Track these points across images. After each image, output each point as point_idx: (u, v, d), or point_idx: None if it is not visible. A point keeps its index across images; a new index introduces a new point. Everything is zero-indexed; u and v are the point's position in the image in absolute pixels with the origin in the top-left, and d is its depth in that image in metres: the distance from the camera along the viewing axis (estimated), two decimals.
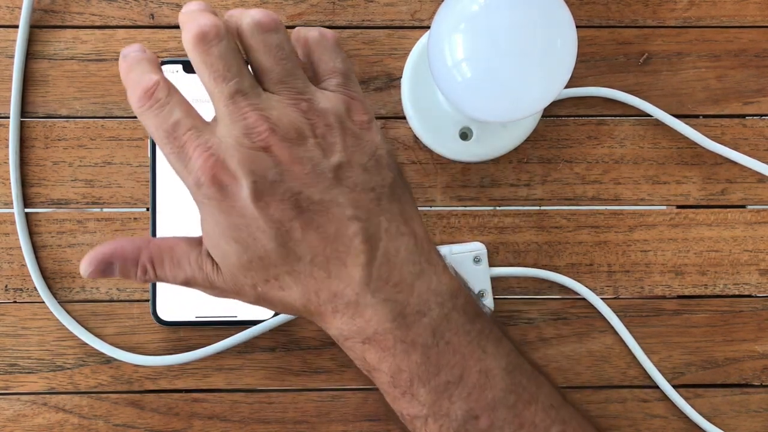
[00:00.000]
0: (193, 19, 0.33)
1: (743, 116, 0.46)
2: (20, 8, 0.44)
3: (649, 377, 0.45)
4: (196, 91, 0.44)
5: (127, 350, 0.45)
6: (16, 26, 0.44)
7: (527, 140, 0.45)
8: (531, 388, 0.36)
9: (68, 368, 0.45)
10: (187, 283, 0.35)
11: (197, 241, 0.35)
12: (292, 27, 0.45)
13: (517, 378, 0.35)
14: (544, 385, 0.37)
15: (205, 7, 0.34)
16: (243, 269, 0.34)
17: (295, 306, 0.34)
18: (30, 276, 0.44)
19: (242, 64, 0.34)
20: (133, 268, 0.35)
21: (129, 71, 0.34)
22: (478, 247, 0.44)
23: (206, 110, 0.45)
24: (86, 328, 0.45)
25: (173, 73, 0.44)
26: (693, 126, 0.45)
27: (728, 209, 0.46)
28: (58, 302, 0.45)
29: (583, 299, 0.46)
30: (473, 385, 0.34)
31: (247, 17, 0.34)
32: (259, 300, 0.35)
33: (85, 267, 0.34)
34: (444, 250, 0.44)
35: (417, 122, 0.44)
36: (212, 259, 0.34)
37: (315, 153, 0.33)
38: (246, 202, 0.32)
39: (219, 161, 0.32)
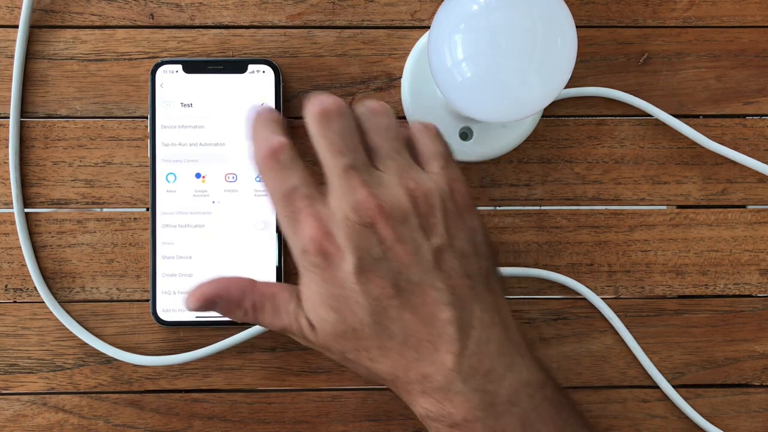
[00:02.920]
0: (317, 98, 0.36)
1: (743, 116, 0.46)
2: (20, 8, 0.44)
3: (649, 377, 0.45)
4: (195, 91, 0.44)
5: (127, 350, 0.45)
6: (16, 26, 0.44)
7: (527, 140, 0.45)
8: None
9: (68, 368, 0.45)
10: (283, 330, 0.37)
11: (296, 292, 0.36)
12: (292, 27, 0.45)
13: None
14: None
15: (331, 94, 0.37)
16: (337, 337, 0.35)
17: (382, 377, 0.36)
18: (30, 276, 0.44)
19: (358, 142, 0.36)
20: (236, 310, 0.36)
21: (257, 129, 0.36)
22: None
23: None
24: (86, 328, 0.45)
25: (173, 72, 0.44)
26: (693, 126, 0.45)
27: (728, 209, 0.46)
28: (58, 302, 0.45)
29: (584, 299, 0.46)
30: None
31: (361, 106, 0.37)
32: (345, 362, 0.36)
33: (191, 302, 0.36)
34: None
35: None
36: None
37: (417, 233, 0.34)
38: (348, 275, 0.34)
39: (327, 233, 0.34)
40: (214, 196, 0.44)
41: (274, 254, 0.44)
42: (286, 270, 0.45)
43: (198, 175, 0.44)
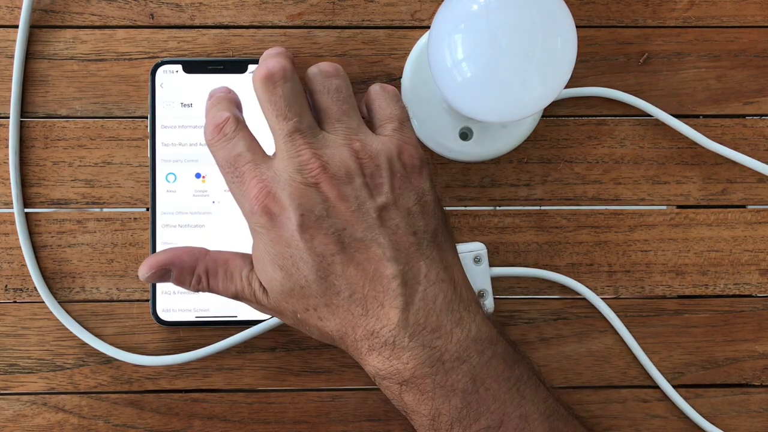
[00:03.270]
0: (264, 61, 0.36)
1: (743, 116, 0.46)
2: (20, 8, 0.44)
3: (649, 377, 0.45)
4: (195, 91, 0.44)
5: (126, 350, 0.45)
6: (16, 26, 0.44)
7: (527, 140, 0.45)
8: None
9: (68, 368, 0.45)
10: (236, 296, 0.37)
11: (250, 259, 0.37)
12: (292, 27, 0.45)
13: (554, 423, 0.36)
14: (578, 430, 0.38)
15: (280, 52, 0.37)
16: (285, 296, 0.35)
17: (333, 336, 0.36)
18: (30, 276, 0.44)
19: (304, 105, 0.36)
20: (189, 277, 0.37)
21: (210, 109, 0.37)
22: (478, 247, 0.44)
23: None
24: (86, 328, 0.45)
25: (173, 72, 0.44)
26: (693, 126, 0.45)
27: (728, 209, 0.46)
28: (58, 302, 0.45)
29: (584, 299, 0.46)
30: (513, 431, 0.35)
31: (313, 67, 0.37)
32: (298, 324, 0.37)
33: (143, 271, 0.37)
34: None
35: (417, 122, 0.44)
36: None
37: (362, 192, 0.35)
38: (292, 232, 0.34)
39: (271, 193, 0.35)
40: (214, 196, 0.44)
41: None
42: None
43: (198, 175, 0.44)
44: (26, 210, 0.45)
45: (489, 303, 0.44)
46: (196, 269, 0.37)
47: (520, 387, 0.36)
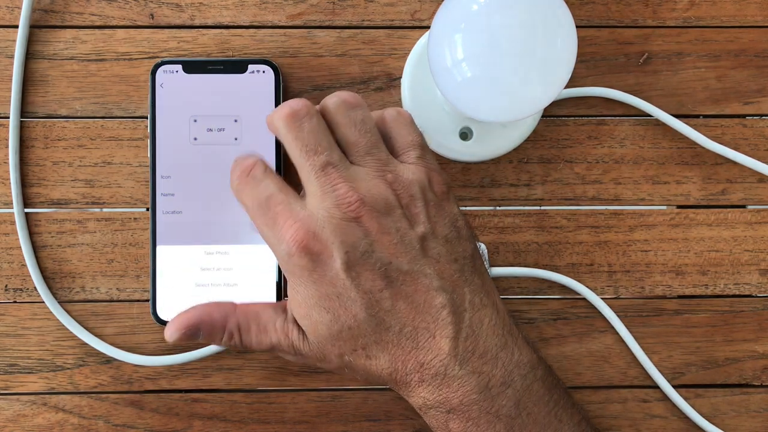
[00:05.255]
0: (284, 103, 0.36)
1: (743, 116, 0.46)
2: (20, 8, 0.44)
3: (649, 377, 0.45)
4: (195, 91, 0.44)
5: (127, 350, 0.45)
6: (16, 26, 0.44)
7: (527, 140, 0.45)
8: None
9: (68, 368, 0.45)
10: (272, 348, 0.36)
11: (282, 308, 0.36)
12: (292, 27, 0.45)
13: None
14: None
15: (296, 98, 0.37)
16: (332, 339, 0.35)
17: (381, 375, 0.35)
18: (30, 276, 0.44)
19: (331, 139, 0.36)
20: (220, 334, 0.36)
21: (234, 165, 0.37)
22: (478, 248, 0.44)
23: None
24: (86, 328, 0.45)
25: (173, 72, 0.44)
26: (693, 126, 0.45)
27: (728, 209, 0.46)
28: (58, 302, 0.45)
29: (584, 299, 0.46)
30: None
31: (333, 97, 0.37)
32: (343, 368, 0.36)
33: (171, 332, 0.36)
34: None
35: (417, 122, 0.44)
36: (298, 327, 0.36)
37: (402, 224, 0.35)
38: (338, 272, 0.34)
39: (309, 232, 0.34)
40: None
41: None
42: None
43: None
44: (26, 210, 0.45)
45: None
46: (226, 326, 0.36)
47: (558, 411, 0.36)
